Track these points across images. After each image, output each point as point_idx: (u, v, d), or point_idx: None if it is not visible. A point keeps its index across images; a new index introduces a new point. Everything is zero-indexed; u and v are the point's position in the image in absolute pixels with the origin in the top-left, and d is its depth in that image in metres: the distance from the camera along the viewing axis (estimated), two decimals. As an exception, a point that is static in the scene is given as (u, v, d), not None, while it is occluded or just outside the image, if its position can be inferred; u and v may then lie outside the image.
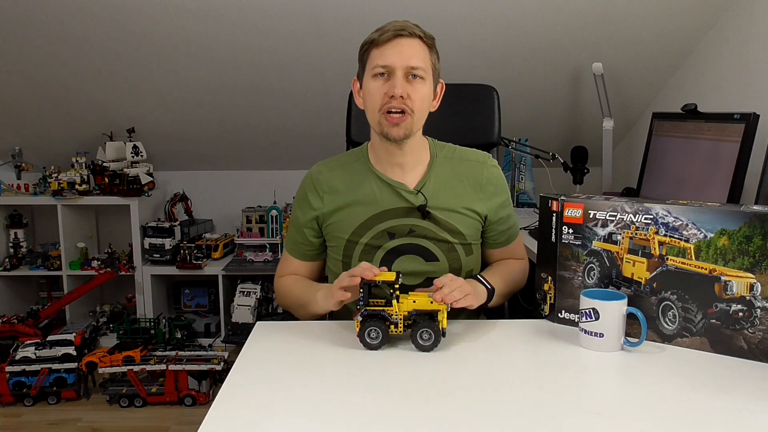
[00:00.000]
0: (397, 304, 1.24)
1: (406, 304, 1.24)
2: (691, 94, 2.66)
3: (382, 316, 1.23)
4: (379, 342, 1.22)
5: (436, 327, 1.22)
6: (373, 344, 1.23)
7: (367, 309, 1.24)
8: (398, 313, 1.24)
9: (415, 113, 1.38)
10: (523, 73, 2.89)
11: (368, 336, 1.23)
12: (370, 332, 1.23)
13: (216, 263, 3.37)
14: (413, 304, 1.24)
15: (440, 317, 1.22)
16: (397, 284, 1.24)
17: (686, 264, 1.22)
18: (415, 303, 1.24)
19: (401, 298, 1.25)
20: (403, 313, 1.24)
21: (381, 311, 1.24)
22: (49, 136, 3.33)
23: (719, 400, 1.03)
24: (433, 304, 1.24)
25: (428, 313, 1.24)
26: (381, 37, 1.36)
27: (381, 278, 1.25)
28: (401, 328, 1.24)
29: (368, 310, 1.24)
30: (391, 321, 1.23)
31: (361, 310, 1.24)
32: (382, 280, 1.25)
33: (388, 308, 1.24)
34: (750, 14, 2.34)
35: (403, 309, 1.24)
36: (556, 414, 0.99)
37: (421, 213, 1.45)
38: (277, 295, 1.60)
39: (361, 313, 1.24)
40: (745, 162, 1.88)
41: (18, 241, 3.39)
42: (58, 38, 2.72)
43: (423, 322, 1.22)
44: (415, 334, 1.22)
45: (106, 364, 2.77)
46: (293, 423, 0.97)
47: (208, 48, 2.77)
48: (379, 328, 1.22)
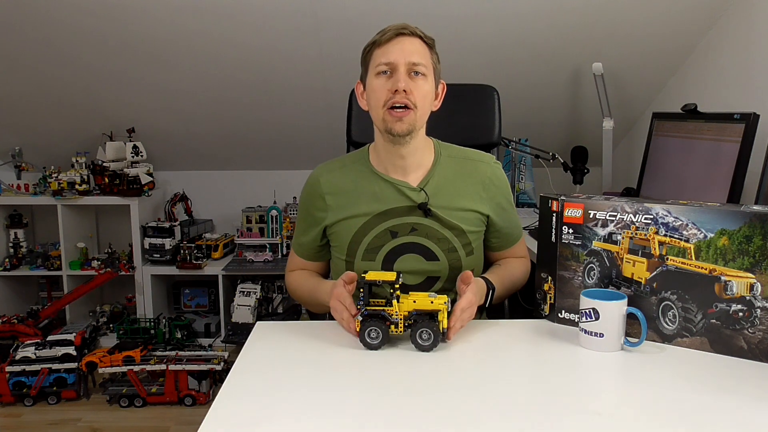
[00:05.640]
0: (398, 304, 1.24)
1: (407, 304, 1.24)
2: (691, 94, 2.66)
3: (382, 315, 1.23)
4: (380, 342, 1.22)
5: (435, 327, 1.22)
6: (374, 344, 1.23)
7: (367, 309, 1.24)
8: (398, 313, 1.24)
9: (418, 109, 1.39)
10: (523, 73, 2.89)
11: (368, 336, 1.23)
12: (370, 332, 1.23)
13: (216, 263, 3.37)
14: (413, 304, 1.24)
15: (440, 317, 1.22)
16: (398, 284, 1.24)
17: (686, 264, 1.22)
18: (416, 303, 1.24)
19: (401, 297, 1.25)
20: (404, 313, 1.24)
21: (381, 311, 1.24)
22: (49, 136, 3.33)
23: (719, 400, 1.03)
24: (433, 304, 1.24)
25: (428, 313, 1.24)
26: (383, 37, 1.39)
27: (381, 278, 1.25)
28: (401, 328, 1.24)
29: (368, 310, 1.24)
30: (391, 321, 1.23)
31: (361, 309, 1.24)
32: (382, 280, 1.25)
33: (388, 308, 1.24)
34: (750, 14, 2.34)
35: (403, 309, 1.24)
36: (556, 414, 0.99)
37: (423, 210, 1.45)
38: (288, 288, 1.64)
39: (361, 312, 1.24)
40: (745, 162, 1.88)
41: (18, 241, 3.39)
42: (58, 38, 2.72)
43: (423, 322, 1.22)
44: (415, 334, 1.22)
45: (106, 364, 2.77)
46: (293, 423, 0.97)
47: (208, 48, 2.77)
48: (379, 328, 1.22)
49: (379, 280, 1.25)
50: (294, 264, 1.62)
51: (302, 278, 1.58)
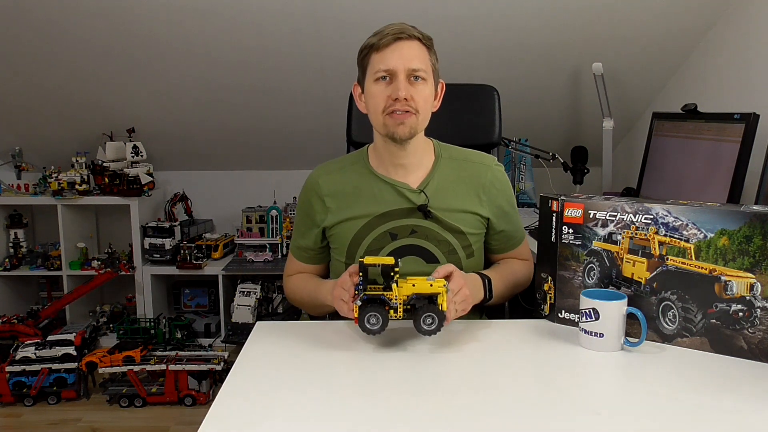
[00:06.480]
0: (397, 288, 1.22)
1: (406, 288, 1.22)
2: (691, 94, 2.66)
3: (381, 300, 1.21)
4: (379, 327, 1.20)
5: (438, 310, 1.20)
6: (374, 329, 1.20)
7: (366, 294, 1.21)
8: (398, 297, 1.21)
9: (420, 113, 1.38)
10: (523, 73, 2.89)
11: (367, 322, 1.20)
12: (369, 318, 1.20)
13: (216, 263, 3.37)
14: (412, 288, 1.22)
15: (440, 300, 1.21)
16: (397, 267, 1.23)
17: (686, 264, 1.22)
18: (415, 287, 1.22)
19: (400, 282, 1.22)
20: (403, 297, 1.22)
21: (380, 295, 1.21)
22: (49, 136, 3.33)
23: (719, 400, 1.03)
24: (432, 287, 1.21)
25: (427, 296, 1.22)
26: (381, 42, 1.36)
27: (379, 262, 1.23)
28: (401, 313, 1.22)
29: (367, 294, 1.21)
30: (390, 305, 1.21)
31: (360, 294, 1.21)
32: (381, 264, 1.23)
33: (387, 293, 1.22)
34: (750, 14, 2.34)
35: (402, 293, 1.22)
36: (556, 414, 0.99)
37: (423, 212, 1.45)
38: (287, 293, 1.62)
39: (360, 297, 1.21)
40: (745, 162, 1.88)
41: (18, 241, 3.39)
42: (58, 38, 2.72)
43: (424, 306, 1.20)
44: (418, 320, 1.20)
45: (106, 364, 2.77)
46: (293, 423, 0.97)
47: (208, 48, 2.77)
48: (378, 313, 1.20)
49: (377, 263, 1.23)
50: (292, 268, 1.60)
51: (302, 281, 1.57)
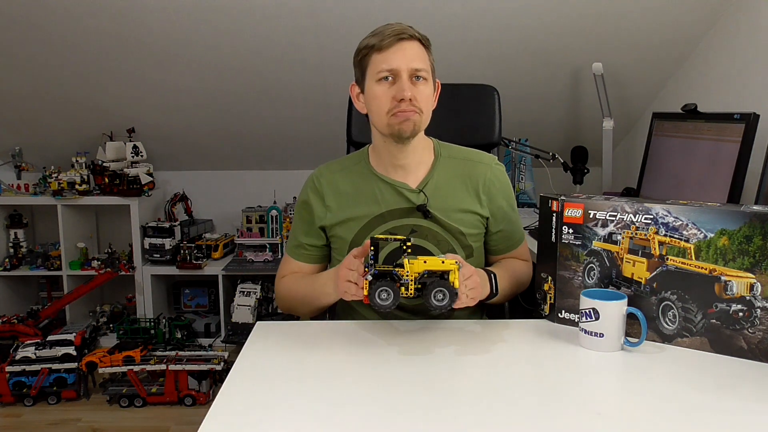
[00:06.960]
0: (409, 264, 1.20)
1: (417, 265, 1.21)
2: (691, 94, 2.67)
3: (392, 275, 1.20)
4: (391, 302, 1.18)
5: (449, 285, 1.19)
6: (384, 305, 1.18)
7: (377, 269, 1.19)
8: (409, 273, 1.20)
9: (423, 113, 1.39)
10: (523, 73, 2.89)
11: (378, 297, 1.18)
12: (380, 293, 1.18)
13: (216, 263, 3.37)
14: (424, 265, 1.21)
15: (452, 277, 1.20)
16: (409, 242, 1.22)
17: (686, 264, 1.22)
18: (426, 263, 1.21)
19: (411, 260, 1.21)
20: (414, 274, 1.20)
21: (392, 271, 1.20)
22: (49, 136, 3.33)
23: (719, 400, 1.03)
24: (444, 264, 1.20)
25: (439, 274, 1.21)
26: (382, 42, 1.37)
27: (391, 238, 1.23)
28: (412, 290, 1.20)
29: (378, 270, 1.19)
30: (401, 282, 1.20)
31: (371, 270, 1.20)
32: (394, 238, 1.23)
33: (398, 269, 1.20)
34: (750, 14, 2.34)
35: (414, 270, 1.20)
36: (556, 414, 0.99)
37: (422, 212, 1.45)
38: (279, 295, 1.58)
39: (371, 272, 1.19)
40: (745, 162, 1.88)
41: (18, 241, 3.39)
42: (58, 39, 2.72)
43: (435, 281, 1.19)
44: (429, 294, 1.19)
45: (106, 364, 2.77)
46: (293, 423, 0.97)
47: (208, 48, 2.77)
48: (390, 288, 1.18)
49: (390, 237, 1.23)
50: (288, 269, 1.57)
51: (295, 279, 1.54)
